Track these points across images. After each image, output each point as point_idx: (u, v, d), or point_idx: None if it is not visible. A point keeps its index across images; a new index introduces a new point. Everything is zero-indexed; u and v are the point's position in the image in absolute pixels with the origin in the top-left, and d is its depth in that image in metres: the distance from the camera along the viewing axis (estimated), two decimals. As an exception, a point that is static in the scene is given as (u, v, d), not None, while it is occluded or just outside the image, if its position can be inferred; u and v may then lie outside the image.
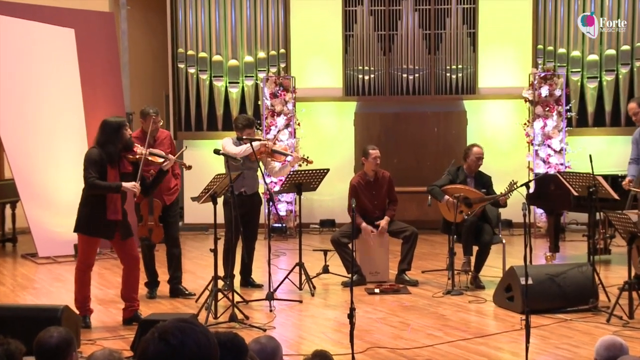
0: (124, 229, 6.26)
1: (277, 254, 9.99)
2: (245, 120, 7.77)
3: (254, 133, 7.81)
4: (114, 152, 6.17)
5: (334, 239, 8.04)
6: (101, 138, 6.22)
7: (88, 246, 6.28)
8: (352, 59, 12.17)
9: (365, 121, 12.16)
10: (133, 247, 6.42)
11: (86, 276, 6.36)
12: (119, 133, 6.18)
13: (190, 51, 12.32)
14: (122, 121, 6.31)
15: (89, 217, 6.16)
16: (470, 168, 8.04)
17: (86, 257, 6.30)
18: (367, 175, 8.27)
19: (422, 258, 9.49)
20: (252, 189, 7.82)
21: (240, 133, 7.64)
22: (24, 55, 9.87)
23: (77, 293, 6.37)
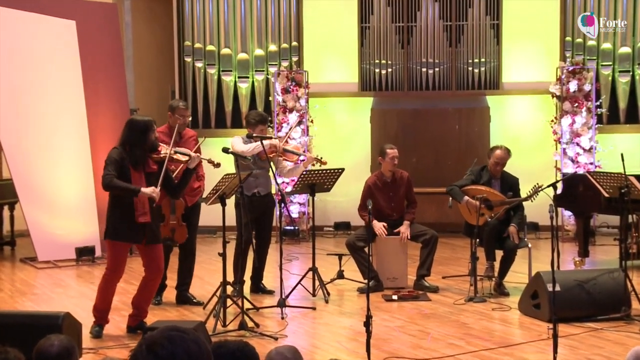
0: (151, 233, 6.22)
1: (289, 259, 9.99)
2: (258, 116, 7.78)
3: (266, 130, 7.82)
4: (140, 154, 6.12)
5: (349, 243, 8.04)
6: (126, 139, 6.16)
7: (118, 253, 6.22)
8: (369, 52, 12.16)
9: (382, 118, 12.15)
10: (159, 256, 6.37)
11: (112, 286, 6.34)
12: (145, 135, 6.12)
13: (197, 44, 12.35)
14: (149, 122, 6.21)
15: (118, 221, 6.13)
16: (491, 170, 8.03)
17: (115, 264, 6.25)
18: (384, 175, 8.26)
19: (442, 263, 9.46)
20: (266, 189, 7.83)
21: (251, 129, 7.65)
22: (21, 49, 9.90)
23: (98, 301, 6.37)
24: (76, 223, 10.11)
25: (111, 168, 6.04)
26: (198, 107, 12.42)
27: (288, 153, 7.80)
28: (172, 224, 7.23)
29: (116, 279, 6.31)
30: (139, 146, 6.12)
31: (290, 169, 7.91)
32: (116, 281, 6.33)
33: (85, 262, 9.84)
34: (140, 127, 6.16)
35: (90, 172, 10.26)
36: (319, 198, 10.89)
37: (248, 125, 7.76)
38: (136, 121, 6.26)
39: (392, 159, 8.16)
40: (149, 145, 6.16)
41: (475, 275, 7.58)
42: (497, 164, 7.97)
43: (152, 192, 6.05)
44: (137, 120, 6.29)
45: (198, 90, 12.41)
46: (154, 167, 6.23)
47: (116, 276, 6.28)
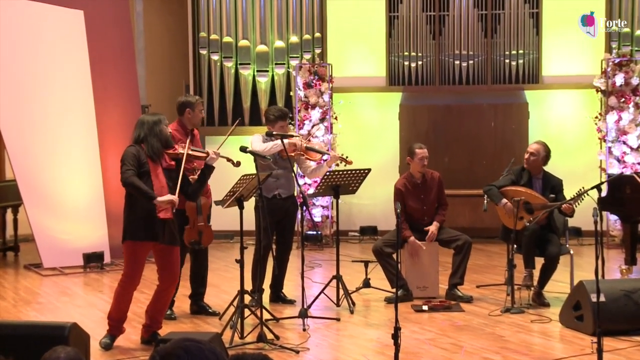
0: (170, 233, 6.26)
1: (312, 266, 10.00)
2: (278, 112, 7.80)
3: (287, 127, 7.83)
4: (157, 145, 6.20)
5: (376, 249, 8.03)
6: (138, 134, 6.25)
7: (136, 256, 6.23)
8: (397, 43, 12.15)
9: (411, 114, 12.13)
10: (176, 260, 6.39)
11: (129, 293, 6.36)
12: (158, 127, 6.23)
13: (213, 35, 12.39)
14: (160, 117, 6.33)
15: (138, 218, 6.16)
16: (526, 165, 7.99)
17: (133, 269, 6.27)
18: (413, 176, 8.25)
19: (477, 271, 9.43)
20: (288, 191, 7.84)
21: (271, 126, 7.66)
22: (26, 41, 9.96)
23: (113, 309, 6.40)
24: (84, 227, 10.17)
25: (130, 163, 6.09)
26: (214, 103, 12.46)
27: (310, 151, 7.80)
28: (199, 226, 7.15)
29: (133, 286, 6.33)
30: (156, 138, 6.19)
31: (313, 168, 7.92)
32: (133, 288, 6.35)
33: (93, 269, 9.89)
34: (152, 120, 6.26)
35: (99, 172, 10.32)
36: (344, 201, 10.89)
37: (267, 121, 7.78)
38: (147, 117, 6.37)
39: (421, 159, 8.14)
40: (163, 140, 6.22)
41: (513, 284, 7.55)
42: (529, 154, 7.92)
43: (169, 202, 6.08)
44: (146, 117, 6.41)
45: (214, 85, 12.45)
46: (172, 162, 6.29)
47: (133, 282, 6.30)
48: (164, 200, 6.06)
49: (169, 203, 6.08)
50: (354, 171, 7.83)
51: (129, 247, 6.23)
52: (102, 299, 8.34)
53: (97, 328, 6.77)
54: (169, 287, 6.42)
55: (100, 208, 10.28)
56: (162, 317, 6.57)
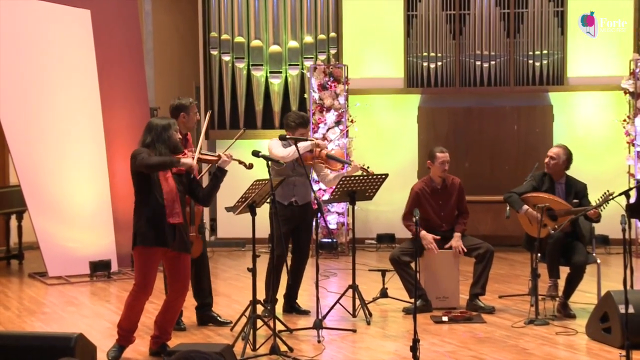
0: (181, 239, 6.28)
1: (327, 275, 9.99)
2: (299, 118, 7.80)
3: (307, 134, 7.83)
4: (163, 152, 6.23)
5: (393, 257, 8.02)
6: (147, 138, 6.28)
7: (147, 263, 6.23)
8: (416, 43, 12.14)
9: (430, 117, 12.12)
10: (187, 268, 6.40)
11: (140, 303, 6.36)
12: (167, 133, 6.26)
13: (224, 35, 12.42)
14: (170, 122, 6.36)
15: (147, 223, 6.18)
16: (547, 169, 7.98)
17: (145, 278, 6.27)
18: (433, 181, 8.23)
19: (499, 280, 9.41)
20: (305, 198, 7.84)
21: (291, 133, 7.65)
22: (30, 41, 9.99)
23: (123, 319, 6.41)
24: (90, 234, 10.19)
25: (144, 152, 6.18)
26: (225, 106, 12.48)
27: (332, 160, 7.80)
28: (190, 236, 7.14)
29: (145, 295, 6.33)
30: (164, 145, 6.22)
31: (331, 178, 7.91)
32: (145, 298, 6.35)
33: (100, 278, 9.92)
34: (162, 125, 6.28)
35: (106, 177, 10.34)
36: (360, 207, 10.87)
37: (287, 128, 7.78)
38: (156, 121, 6.39)
39: (442, 163, 8.13)
40: (172, 145, 6.25)
41: (537, 295, 7.52)
42: (549, 158, 7.91)
43: (192, 162, 6.17)
44: (156, 120, 6.42)
45: (225, 87, 12.47)
46: (182, 168, 6.32)
47: (145, 292, 6.30)
48: (187, 161, 6.19)
49: (190, 166, 6.21)
50: (370, 176, 7.83)
51: (140, 253, 6.24)
52: (109, 309, 8.37)
53: (103, 339, 6.79)
54: (179, 298, 6.43)
55: (107, 214, 10.30)
56: (171, 328, 6.58)
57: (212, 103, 12.50)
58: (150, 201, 6.18)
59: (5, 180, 12.13)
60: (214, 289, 7.98)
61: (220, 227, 12.56)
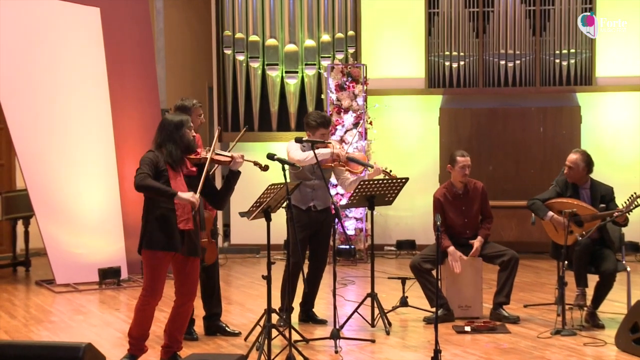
0: (191, 243, 6.27)
1: (344, 283, 9.99)
2: (321, 118, 7.78)
3: (328, 135, 7.81)
4: (175, 152, 6.23)
5: (414, 265, 8.01)
6: (159, 138, 6.29)
7: (156, 268, 6.23)
8: (437, 42, 12.13)
9: (452, 119, 12.11)
10: (195, 273, 6.40)
11: (150, 309, 6.36)
12: (180, 131, 6.26)
13: (238, 34, 12.44)
14: (184, 119, 6.35)
15: (156, 228, 6.19)
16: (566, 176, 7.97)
17: (153, 283, 6.27)
18: (454, 186, 8.22)
19: (524, 289, 9.38)
20: (324, 203, 7.82)
21: (311, 133, 7.66)
22: (38, 40, 10.03)
23: (133, 327, 6.41)
24: (100, 241, 10.23)
25: (145, 168, 6.12)
26: (239, 107, 12.50)
27: (352, 163, 7.79)
28: (202, 242, 7.15)
29: (155, 300, 6.34)
30: (175, 145, 6.21)
31: (352, 181, 7.89)
32: (155, 303, 6.36)
33: (109, 286, 9.95)
34: (174, 123, 6.28)
35: (116, 181, 10.38)
36: (379, 212, 10.87)
37: (307, 127, 7.77)
38: (169, 119, 6.37)
39: (462, 168, 8.10)
40: (185, 143, 6.25)
41: (564, 304, 7.50)
42: (568, 168, 7.90)
43: (192, 198, 6.11)
44: (170, 118, 6.39)
45: (239, 87, 12.49)
46: (193, 169, 6.31)
47: (154, 297, 6.31)
48: (185, 196, 6.08)
49: (192, 198, 6.10)
50: (390, 180, 7.82)
51: (147, 257, 6.24)
52: (119, 318, 8.39)
53: (113, 349, 6.81)
54: (187, 303, 6.42)
55: (117, 220, 10.33)
56: (181, 336, 6.57)
57: (226, 104, 12.52)
58: (159, 205, 6.19)
59: (11, 184, 12.19)
60: (227, 297, 8.01)
61: (234, 233, 12.58)
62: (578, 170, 7.89)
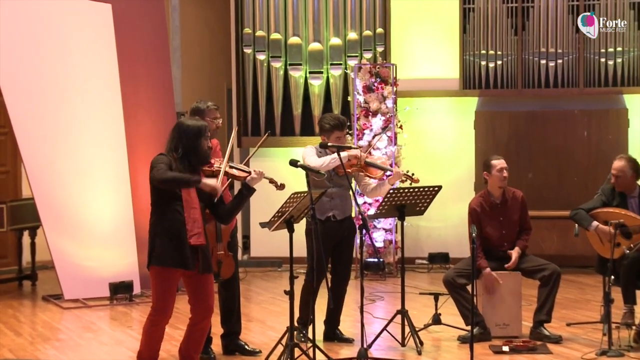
0: (204, 259, 6.27)
1: (372, 299, 9.98)
2: (334, 120, 7.78)
3: (344, 138, 7.81)
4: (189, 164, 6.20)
5: (447, 279, 7.99)
6: (174, 145, 6.27)
7: (165, 285, 6.24)
8: (473, 40, 12.11)
9: (489, 123, 12.08)
10: (211, 289, 6.40)
11: (160, 329, 6.37)
12: (197, 140, 6.22)
13: (259, 32, 12.46)
14: (202, 127, 6.28)
15: (165, 242, 6.19)
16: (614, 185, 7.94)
17: (162, 301, 6.28)
18: (491, 195, 8.19)
19: (567, 306, 9.34)
20: (344, 212, 7.81)
21: (326, 137, 7.66)
22: (46, 39, 10.08)
23: (143, 348, 6.42)
24: (110, 253, 10.25)
25: (162, 165, 6.13)
26: (260, 110, 12.50)
27: (371, 167, 7.78)
28: (218, 255, 7.10)
29: (164, 320, 6.35)
30: (189, 154, 6.20)
31: (373, 187, 7.88)
32: (164, 322, 6.37)
33: (121, 301, 9.97)
34: (192, 131, 6.23)
35: (128, 189, 10.40)
36: (410, 223, 10.84)
37: (321, 131, 7.78)
38: (186, 124, 6.32)
39: (500, 171, 8.05)
40: (200, 154, 6.23)
41: (610, 322, 7.46)
42: (615, 177, 7.89)
43: (215, 186, 6.15)
44: (187, 123, 6.35)
45: (260, 89, 12.50)
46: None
47: (164, 316, 6.32)
48: (209, 182, 6.14)
49: (215, 186, 6.15)
50: (422, 189, 7.80)
51: (156, 274, 6.24)
52: (131, 336, 8.41)
53: (125, 369, 6.83)
54: (203, 321, 6.42)
55: (129, 231, 10.35)
56: (198, 356, 6.57)
57: (245, 107, 12.54)
58: (169, 216, 6.16)
59: (17, 192, 12.24)
60: (247, 313, 8.02)
61: (254, 245, 12.59)
62: (626, 178, 7.86)
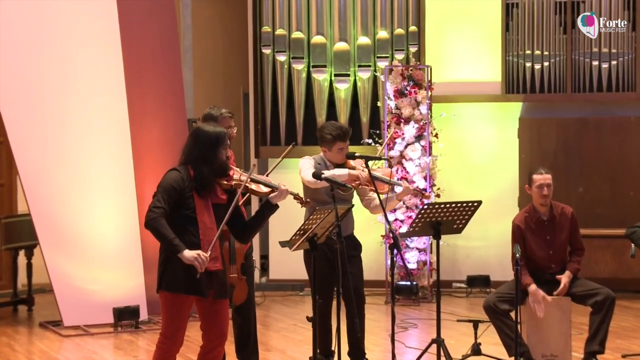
0: (219, 285, 6.27)
1: (405, 326, 9.96)
2: (337, 130, 7.65)
3: (347, 149, 7.66)
4: (207, 176, 6.19)
5: (488, 305, 7.97)
6: (190, 155, 6.24)
7: (176, 311, 6.25)
8: (517, 39, 12.10)
9: (535, 131, 12.05)
10: (225, 316, 6.39)
11: (169, 357, 6.37)
12: (215, 150, 6.20)
13: (279, 30, 12.48)
14: (221, 134, 6.24)
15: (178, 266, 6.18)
16: None
17: (173, 328, 6.28)
18: (537, 211, 8.16)
19: (622, 335, 9.31)
20: (346, 229, 7.61)
21: (327, 149, 7.61)
22: (43, 39, 10.13)
23: None
24: (115, 275, 10.27)
25: (162, 198, 6.05)
26: (280, 116, 12.51)
27: (377, 182, 7.59)
28: (231, 278, 7.10)
29: (175, 348, 6.35)
30: (206, 165, 6.17)
31: (378, 203, 7.72)
32: (175, 351, 6.37)
33: (126, 329, 9.99)
34: (211, 139, 6.19)
35: (134, 205, 10.41)
36: (447, 242, 10.83)
37: (322, 142, 7.64)
38: (204, 131, 6.28)
39: (539, 187, 8.01)
40: (218, 166, 6.21)
41: (670, 354, 7.43)
42: None
43: (195, 260, 6.03)
44: (205, 129, 6.31)
45: (280, 93, 12.51)
46: (223, 196, 6.27)
47: (174, 344, 6.33)
48: (188, 256, 5.96)
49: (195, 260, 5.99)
50: (459, 204, 7.75)
51: (166, 300, 6.25)
52: (137, 366, 8.45)
53: (130, 403, 6.86)
54: (216, 347, 6.43)
55: (135, 251, 10.36)
56: None
57: (264, 113, 12.56)
58: (182, 236, 6.15)
59: (12, 208, 12.30)
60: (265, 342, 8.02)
61: (273, 267, 12.60)
62: None
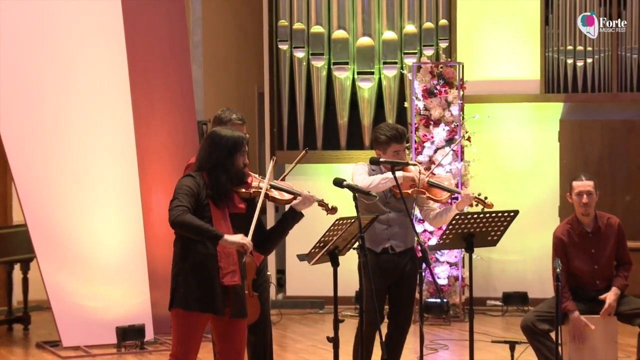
0: (237, 302, 6.26)
1: (435, 347, 9.95)
2: (392, 131, 7.71)
3: (404, 153, 7.74)
4: (224, 184, 6.19)
5: (526, 324, 7.96)
6: (206, 159, 6.25)
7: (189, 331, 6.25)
8: (557, 34, 12.08)
9: (577, 134, 12.03)
10: (242, 337, 6.39)
11: None
12: (232, 156, 6.19)
13: (297, 24, 12.48)
14: (239, 139, 6.24)
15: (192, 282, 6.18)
16: None
17: (182, 347, 6.25)
18: (580, 222, 8.14)
19: (673, 358, 9.28)
20: (404, 243, 7.69)
21: (381, 151, 7.64)
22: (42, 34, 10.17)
23: None
24: (118, 291, 10.29)
25: (184, 199, 6.07)
26: (298, 118, 12.51)
27: (435, 189, 7.70)
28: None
29: None
30: (223, 173, 6.17)
31: (438, 212, 7.80)
32: None
33: (130, 349, 10.02)
34: (227, 145, 6.19)
35: (139, 215, 10.42)
36: (480, 256, 10.81)
37: (376, 144, 7.72)
38: (221, 135, 6.27)
39: (578, 195, 7.98)
40: (235, 172, 6.21)
41: None
42: None
43: (242, 241, 6.05)
44: (222, 133, 6.30)
45: (298, 93, 12.51)
46: (241, 205, 6.27)
47: None
48: (234, 239, 5.99)
49: (242, 241, 6.03)
50: (494, 214, 7.74)
51: (178, 318, 6.25)
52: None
53: None
54: None
55: (140, 264, 10.37)
56: None
57: (281, 114, 12.56)
58: (197, 251, 6.15)
59: (7, 218, 12.33)
60: (282, 364, 8.02)
61: (290, 282, 12.60)
62: None
